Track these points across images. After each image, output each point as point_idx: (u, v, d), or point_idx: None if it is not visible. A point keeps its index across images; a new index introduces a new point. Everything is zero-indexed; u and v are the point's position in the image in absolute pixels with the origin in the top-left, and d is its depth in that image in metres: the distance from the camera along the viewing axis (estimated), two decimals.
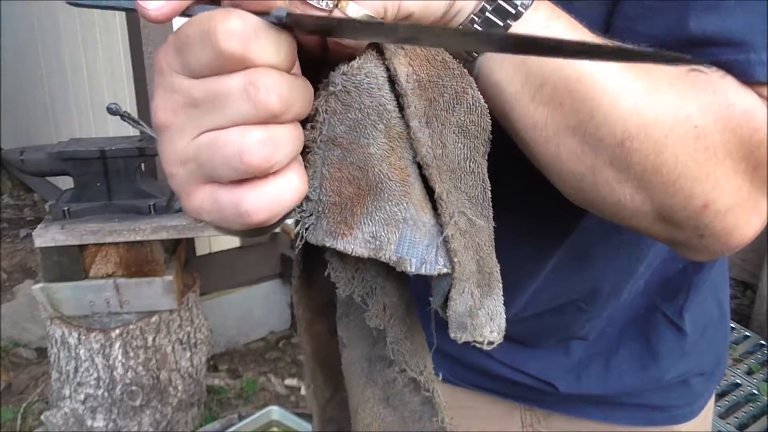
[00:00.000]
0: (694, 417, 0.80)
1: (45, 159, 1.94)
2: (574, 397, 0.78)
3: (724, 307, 0.83)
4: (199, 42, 0.33)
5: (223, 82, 0.33)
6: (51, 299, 1.99)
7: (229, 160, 0.34)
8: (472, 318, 0.43)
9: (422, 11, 0.38)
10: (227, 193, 0.35)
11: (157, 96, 0.35)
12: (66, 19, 3.05)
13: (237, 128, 0.34)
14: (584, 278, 0.70)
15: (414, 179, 0.41)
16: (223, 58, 0.33)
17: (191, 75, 0.34)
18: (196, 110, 0.34)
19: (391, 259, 0.41)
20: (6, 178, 4.38)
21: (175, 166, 0.36)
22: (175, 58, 0.34)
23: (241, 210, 0.35)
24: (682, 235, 0.47)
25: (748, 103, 0.44)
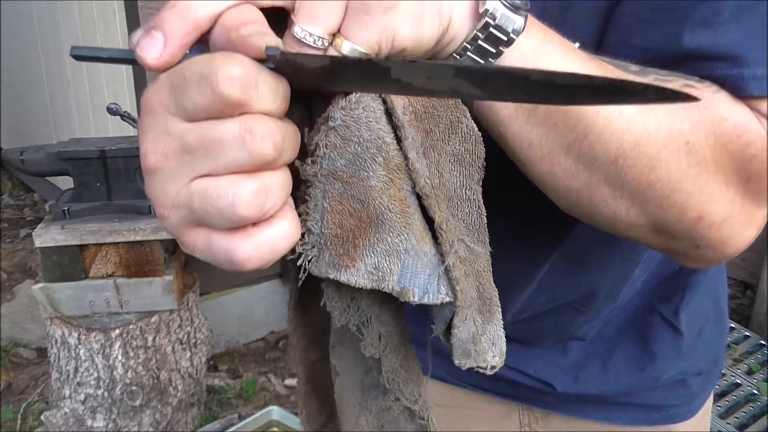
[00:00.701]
0: (692, 416, 0.81)
1: (45, 159, 1.94)
2: (572, 396, 0.78)
3: (721, 306, 0.83)
4: (197, 84, 0.32)
5: (219, 127, 0.33)
6: (51, 299, 1.99)
7: (221, 212, 0.33)
8: (475, 344, 0.43)
9: (415, 44, 0.38)
10: (220, 239, 0.35)
11: (148, 139, 0.34)
12: (66, 19, 3.05)
13: (230, 178, 0.33)
14: (581, 281, 0.70)
15: (414, 210, 0.41)
16: (222, 103, 0.32)
17: (185, 117, 0.33)
18: (189, 156, 0.34)
19: (394, 289, 0.41)
20: (6, 178, 4.38)
21: (167, 209, 0.35)
22: (170, 98, 0.33)
23: (234, 259, 0.35)
24: (679, 246, 0.48)
25: (740, 118, 0.44)
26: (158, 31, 0.34)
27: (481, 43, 0.39)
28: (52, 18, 3.20)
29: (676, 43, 0.46)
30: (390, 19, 0.36)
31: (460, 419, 0.84)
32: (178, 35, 0.34)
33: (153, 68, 0.34)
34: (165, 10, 0.34)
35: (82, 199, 1.99)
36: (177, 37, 0.34)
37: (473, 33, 0.39)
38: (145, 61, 0.34)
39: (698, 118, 0.44)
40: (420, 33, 0.37)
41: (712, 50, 0.45)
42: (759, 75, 0.45)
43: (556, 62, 0.41)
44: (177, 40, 0.34)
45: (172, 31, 0.34)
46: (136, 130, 1.96)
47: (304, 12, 0.36)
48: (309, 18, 0.36)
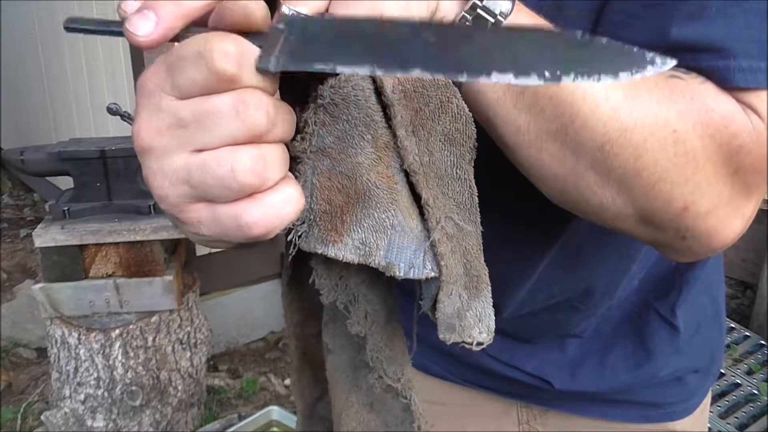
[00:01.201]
0: (690, 414, 0.81)
1: (45, 159, 1.94)
2: (569, 394, 0.78)
3: (718, 304, 0.83)
4: (194, 62, 0.33)
5: (213, 100, 0.34)
6: (51, 299, 1.99)
7: (222, 180, 0.34)
8: (460, 319, 0.44)
9: None
10: (226, 208, 0.35)
11: (141, 117, 0.35)
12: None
13: (227, 148, 0.34)
14: (578, 278, 0.71)
15: (401, 187, 0.42)
16: (217, 78, 0.33)
17: (180, 95, 0.34)
18: (183, 130, 0.34)
19: (381, 264, 0.42)
20: (6, 178, 4.38)
21: (165, 188, 0.36)
22: (166, 79, 0.34)
23: (242, 223, 0.35)
24: (665, 237, 0.48)
25: (726, 109, 0.44)
26: (151, 11, 0.34)
27: (468, 25, 0.40)
28: (52, 18, 3.20)
29: (664, 37, 0.46)
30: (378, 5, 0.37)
31: (458, 417, 0.85)
32: (170, 18, 0.34)
33: (140, 45, 0.34)
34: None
35: (82, 199, 1.99)
36: (169, 20, 0.34)
37: (461, 14, 0.40)
38: (134, 38, 0.34)
39: (685, 108, 0.44)
40: (408, 15, 0.38)
41: (699, 42, 0.45)
42: (745, 67, 0.45)
43: None
44: (168, 23, 0.34)
45: (166, 15, 0.34)
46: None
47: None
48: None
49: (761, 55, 0.45)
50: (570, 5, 0.52)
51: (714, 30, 0.45)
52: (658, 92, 0.44)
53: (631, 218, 0.47)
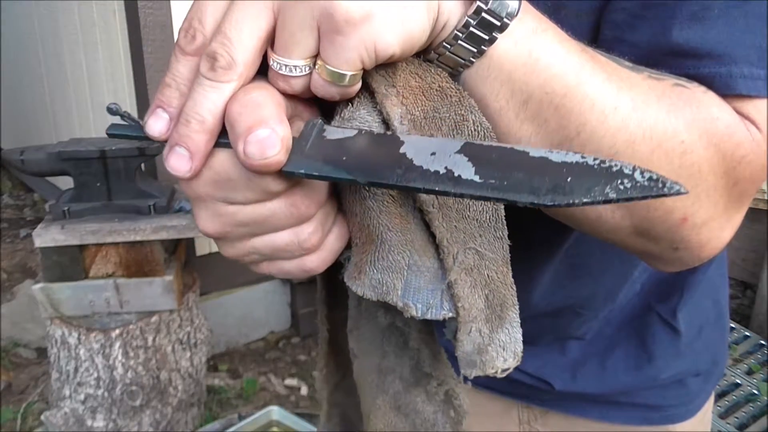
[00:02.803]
0: (691, 417, 0.80)
1: (45, 159, 1.94)
2: (570, 395, 0.78)
3: (722, 307, 0.82)
4: (245, 184, 0.37)
5: (266, 206, 0.38)
6: (51, 299, 1.99)
7: (291, 253, 0.41)
8: (481, 355, 0.43)
9: (404, 46, 0.36)
10: (291, 262, 0.42)
11: (202, 218, 0.40)
12: (66, 19, 3.05)
13: (289, 231, 0.40)
14: (580, 285, 0.70)
15: (415, 226, 0.41)
16: (270, 196, 0.38)
17: (235, 204, 0.38)
18: (245, 228, 0.39)
19: (398, 304, 0.42)
20: (6, 178, 4.38)
21: (238, 257, 0.42)
22: (216, 192, 0.38)
23: (306, 269, 0.42)
24: (657, 248, 0.47)
25: (730, 119, 0.44)
26: (181, 147, 0.37)
27: (473, 29, 0.38)
28: (52, 18, 3.20)
29: (665, 39, 0.45)
30: (365, 31, 0.34)
31: None
32: (202, 148, 0.37)
33: (189, 180, 0.38)
34: (180, 126, 0.37)
35: (82, 199, 1.99)
36: (202, 150, 0.37)
37: (464, 19, 0.38)
38: (180, 175, 0.38)
39: (692, 117, 0.43)
40: (407, 34, 0.36)
41: (700, 47, 0.45)
42: (747, 74, 0.44)
43: (551, 53, 0.40)
44: (203, 152, 0.37)
45: (197, 146, 0.37)
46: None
47: (278, 44, 0.36)
48: (283, 49, 0.36)
49: (761, 62, 0.44)
50: (569, 5, 0.51)
51: (716, 35, 0.44)
52: (666, 101, 0.42)
53: (627, 230, 0.46)
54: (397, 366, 0.53)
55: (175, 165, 0.37)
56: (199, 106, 0.36)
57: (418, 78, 0.39)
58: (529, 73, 0.40)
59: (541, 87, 0.40)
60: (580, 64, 0.40)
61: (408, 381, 0.53)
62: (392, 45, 0.36)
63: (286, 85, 0.37)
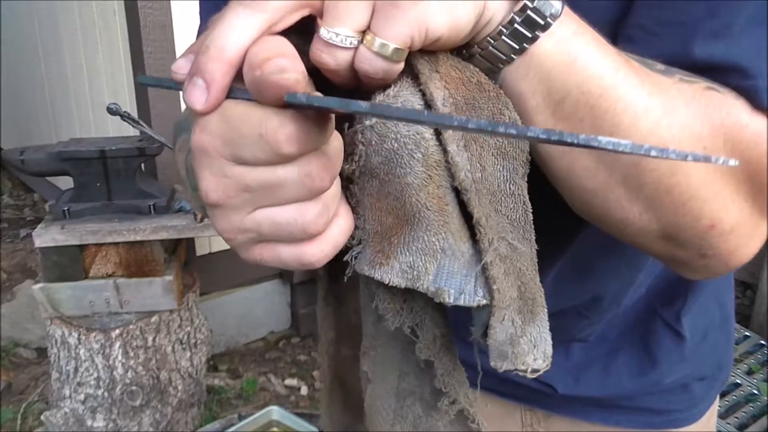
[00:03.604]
0: (695, 421, 0.80)
1: (45, 159, 1.94)
2: (573, 398, 0.78)
3: (727, 310, 0.82)
4: (256, 142, 0.35)
5: (277, 173, 0.36)
6: (51, 299, 1.99)
7: (292, 234, 0.37)
8: (513, 346, 0.42)
9: (451, 32, 0.37)
10: (289, 249, 0.39)
11: (206, 178, 0.37)
12: (66, 19, 3.05)
13: (294, 206, 0.37)
14: (585, 288, 0.70)
15: (452, 208, 0.41)
16: (281, 158, 0.35)
17: (243, 164, 0.36)
18: (250, 194, 0.36)
19: (429, 289, 0.41)
20: (6, 178, 4.38)
21: (233, 233, 0.38)
22: (225, 148, 0.36)
23: (303, 261, 0.39)
24: (684, 254, 0.48)
25: (758, 127, 0.44)
26: (199, 78, 0.35)
27: (517, 26, 0.39)
28: (52, 18, 3.20)
29: (687, 55, 0.45)
30: (421, 10, 0.35)
31: None
32: (218, 78, 0.35)
33: (204, 113, 0.36)
34: (200, 56, 0.35)
35: (82, 199, 1.99)
36: (218, 80, 0.35)
37: (510, 16, 0.39)
38: (196, 109, 0.36)
39: (719, 123, 0.43)
40: (455, 20, 0.37)
41: (724, 61, 0.45)
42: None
43: (589, 54, 0.41)
44: (218, 84, 0.35)
45: (212, 75, 0.35)
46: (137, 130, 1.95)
47: (330, 13, 0.36)
48: (335, 18, 0.36)
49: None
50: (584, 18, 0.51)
51: (739, 49, 0.44)
52: (695, 105, 0.43)
53: (654, 234, 0.46)
54: (417, 387, 0.51)
55: (191, 95, 0.36)
56: (222, 34, 0.35)
57: (458, 71, 0.40)
58: (567, 73, 0.41)
59: (578, 86, 0.41)
60: (616, 67, 0.41)
61: (429, 403, 0.51)
62: (442, 28, 0.36)
63: (330, 58, 0.37)
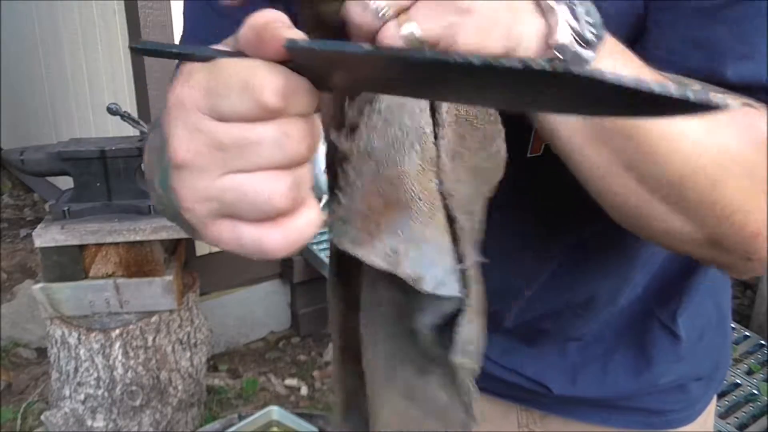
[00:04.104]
0: (692, 421, 0.80)
1: (45, 159, 1.94)
2: (569, 399, 0.78)
3: (723, 310, 0.82)
4: (239, 92, 0.33)
5: (256, 130, 0.34)
6: (51, 299, 1.99)
7: (257, 206, 0.34)
8: (474, 346, 0.44)
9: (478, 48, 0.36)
10: (249, 230, 0.35)
11: (178, 134, 0.35)
12: (66, 19, 3.05)
13: (265, 174, 0.34)
14: (581, 287, 0.70)
15: (439, 204, 0.42)
16: (262, 111, 0.33)
17: (218, 118, 0.34)
18: (222, 153, 0.34)
19: (408, 275, 0.41)
20: (6, 178, 4.38)
21: (194, 202, 0.36)
22: (204, 100, 0.34)
23: (263, 248, 0.35)
24: (730, 259, 0.48)
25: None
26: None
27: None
28: (52, 18, 3.20)
29: (720, 75, 0.46)
30: (460, 19, 0.35)
31: None
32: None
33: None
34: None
35: (82, 199, 1.99)
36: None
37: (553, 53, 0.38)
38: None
39: (761, 138, 0.44)
40: (483, 46, 0.36)
41: (754, 81, 0.46)
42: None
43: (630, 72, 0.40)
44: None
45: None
46: (137, 130, 1.95)
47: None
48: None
49: None
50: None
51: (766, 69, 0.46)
52: (734, 123, 0.43)
53: (698, 242, 0.47)
54: (407, 350, 0.51)
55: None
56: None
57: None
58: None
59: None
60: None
61: (419, 366, 0.52)
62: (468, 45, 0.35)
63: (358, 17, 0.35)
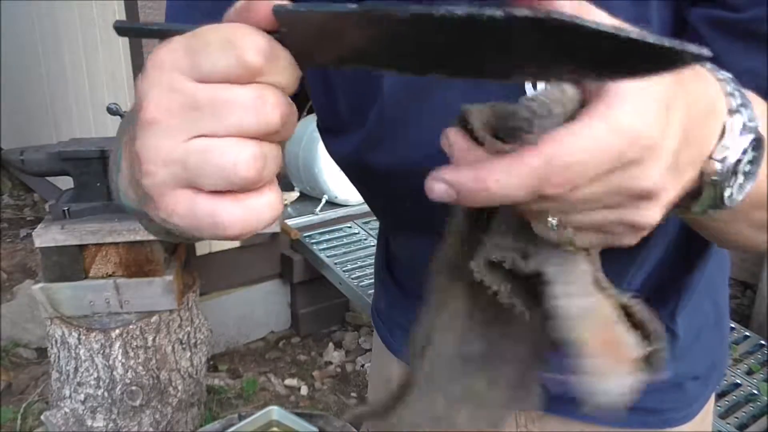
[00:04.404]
0: (689, 420, 0.80)
1: (45, 159, 1.94)
2: (566, 398, 0.78)
3: (721, 308, 0.82)
4: (221, 49, 0.33)
5: (233, 91, 0.33)
6: (51, 299, 1.99)
7: (222, 170, 0.33)
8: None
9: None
10: (206, 201, 0.34)
11: (151, 91, 0.34)
12: (66, 19, 3.05)
13: (233, 139, 0.34)
14: None
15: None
16: (243, 69, 0.33)
17: (198, 78, 0.34)
18: (195, 113, 0.33)
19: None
20: (6, 178, 4.38)
21: (156, 165, 0.34)
22: (185, 58, 0.34)
23: (218, 221, 0.35)
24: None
25: None
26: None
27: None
28: (52, 18, 3.20)
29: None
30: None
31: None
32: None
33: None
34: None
35: (82, 199, 1.99)
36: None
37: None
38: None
39: None
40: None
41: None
42: None
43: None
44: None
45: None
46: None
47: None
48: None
49: None
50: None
51: None
52: None
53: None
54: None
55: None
56: None
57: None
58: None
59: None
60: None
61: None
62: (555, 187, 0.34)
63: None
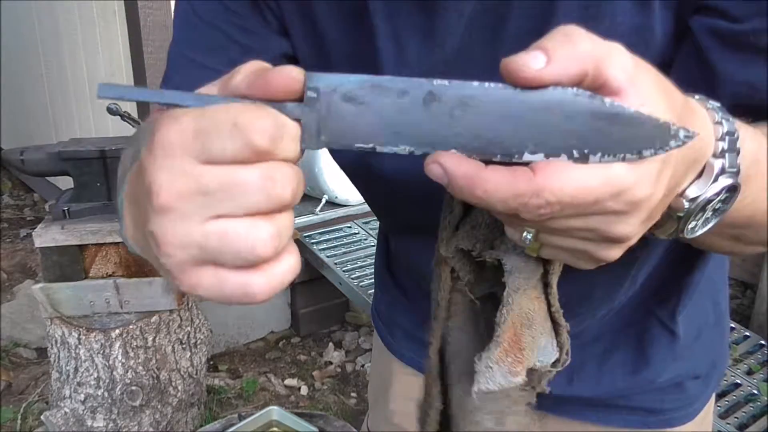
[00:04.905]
0: (690, 420, 0.80)
1: (45, 159, 1.94)
2: (567, 399, 0.78)
3: (721, 308, 0.82)
4: (229, 132, 0.34)
5: (241, 173, 0.34)
6: (51, 299, 1.99)
7: (240, 253, 0.35)
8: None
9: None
10: (233, 276, 0.36)
11: (161, 177, 0.35)
12: (66, 19, 3.05)
13: (248, 221, 0.35)
14: (577, 284, 0.70)
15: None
16: (251, 153, 0.34)
17: (206, 161, 0.34)
18: (206, 198, 0.34)
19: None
20: (6, 178, 4.38)
21: (174, 248, 0.35)
22: (194, 142, 0.34)
23: (249, 292, 0.36)
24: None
25: None
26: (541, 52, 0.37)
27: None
28: (52, 18, 3.20)
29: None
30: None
31: None
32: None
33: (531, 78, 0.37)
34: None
35: (82, 199, 1.99)
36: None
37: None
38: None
39: None
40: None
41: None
42: None
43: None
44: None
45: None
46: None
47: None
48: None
49: None
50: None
51: None
52: None
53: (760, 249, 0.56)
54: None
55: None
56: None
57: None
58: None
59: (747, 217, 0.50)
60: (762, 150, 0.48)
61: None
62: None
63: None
